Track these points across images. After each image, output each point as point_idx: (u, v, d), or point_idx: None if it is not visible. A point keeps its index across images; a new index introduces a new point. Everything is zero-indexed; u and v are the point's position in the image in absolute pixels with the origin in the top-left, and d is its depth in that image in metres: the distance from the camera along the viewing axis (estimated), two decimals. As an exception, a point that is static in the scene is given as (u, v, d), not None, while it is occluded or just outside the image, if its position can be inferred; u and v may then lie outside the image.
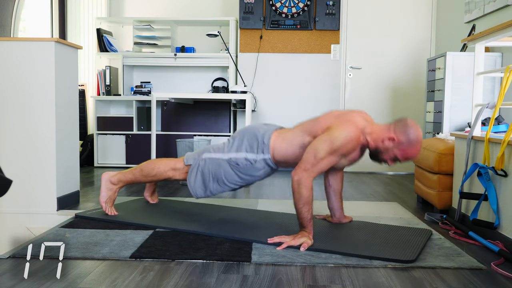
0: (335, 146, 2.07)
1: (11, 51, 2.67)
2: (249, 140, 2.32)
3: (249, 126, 2.44)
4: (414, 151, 2.11)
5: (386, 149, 2.13)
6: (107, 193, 2.57)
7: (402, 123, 2.13)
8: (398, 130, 2.11)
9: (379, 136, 2.15)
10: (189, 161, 2.43)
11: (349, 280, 1.70)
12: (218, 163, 2.34)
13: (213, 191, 2.39)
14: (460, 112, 3.58)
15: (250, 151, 2.30)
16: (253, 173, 2.32)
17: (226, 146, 2.38)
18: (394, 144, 2.11)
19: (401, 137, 2.10)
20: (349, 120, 2.14)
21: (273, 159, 2.29)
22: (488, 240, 2.17)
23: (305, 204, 2.06)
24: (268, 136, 2.29)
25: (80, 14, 5.16)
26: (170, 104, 4.84)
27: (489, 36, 2.46)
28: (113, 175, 2.58)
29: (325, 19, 4.73)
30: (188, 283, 1.65)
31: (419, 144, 2.11)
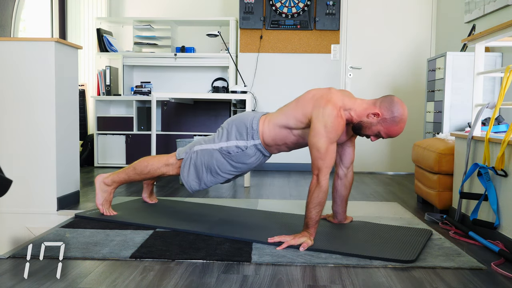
0: (330, 135, 2.08)
1: (11, 51, 2.67)
2: (238, 128, 2.33)
3: (237, 115, 2.46)
4: (397, 128, 2.12)
5: (370, 123, 2.15)
6: (102, 195, 2.57)
7: (388, 99, 2.14)
8: (383, 106, 2.12)
9: (364, 110, 2.16)
10: (181, 155, 2.44)
11: (349, 280, 1.70)
12: (210, 153, 2.35)
13: (207, 183, 2.40)
14: (460, 112, 3.58)
15: (240, 138, 2.31)
16: (245, 160, 2.33)
17: (216, 137, 2.39)
18: (378, 120, 2.13)
19: (385, 113, 2.11)
20: (328, 101, 2.13)
21: (263, 143, 2.31)
22: (488, 240, 2.17)
23: (317, 205, 2.06)
24: (257, 122, 2.31)
25: (80, 14, 5.16)
26: (170, 104, 4.84)
27: (489, 36, 2.46)
28: (106, 176, 2.58)
29: (325, 19, 4.73)
30: (188, 283, 1.65)
31: (403, 122, 2.12)
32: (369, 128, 2.16)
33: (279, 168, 4.81)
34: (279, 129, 2.28)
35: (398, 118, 2.10)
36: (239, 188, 3.69)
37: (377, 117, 2.13)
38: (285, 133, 2.28)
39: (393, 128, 2.12)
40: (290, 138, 2.28)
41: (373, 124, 2.14)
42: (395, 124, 2.11)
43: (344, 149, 2.41)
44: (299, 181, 4.11)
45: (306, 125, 2.19)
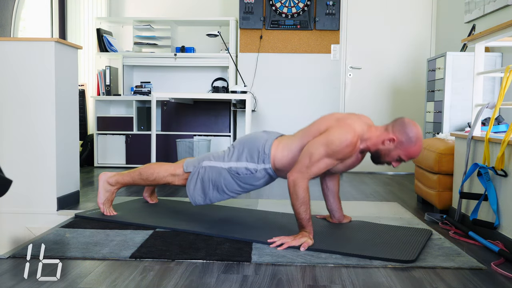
0: (331, 150, 2.06)
1: (11, 51, 2.67)
2: (249, 149, 2.30)
3: (249, 134, 2.43)
4: (416, 148, 2.09)
5: (388, 150, 2.11)
6: (104, 194, 2.57)
7: (399, 122, 2.12)
8: (396, 130, 2.10)
9: (379, 139, 2.13)
10: (188, 168, 2.42)
11: (349, 280, 1.70)
12: (218, 171, 2.33)
13: (212, 199, 2.38)
14: (460, 112, 3.58)
15: (250, 160, 2.29)
16: (253, 182, 2.32)
17: (226, 155, 2.36)
18: (395, 145, 2.09)
19: (400, 136, 2.08)
20: (349, 125, 2.11)
21: (274, 167, 2.28)
22: (488, 240, 2.17)
23: (302, 204, 2.06)
24: (269, 146, 2.28)
25: (80, 14, 5.15)
26: (170, 104, 4.84)
27: (489, 36, 2.46)
28: (111, 176, 2.57)
29: (325, 19, 4.73)
30: (188, 283, 1.65)
31: (420, 141, 2.09)
32: (388, 154, 2.12)
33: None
34: (292, 155, 2.22)
35: (414, 138, 2.07)
36: (239, 188, 3.68)
37: (393, 142, 2.09)
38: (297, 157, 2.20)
39: (412, 149, 2.08)
40: None
41: (391, 150, 2.11)
42: (413, 145, 2.07)
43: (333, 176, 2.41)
44: (299, 181, 4.10)
45: None
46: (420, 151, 2.12)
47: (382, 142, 2.12)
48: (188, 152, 4.18)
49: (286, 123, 4.84)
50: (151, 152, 3.99)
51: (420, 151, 2.12)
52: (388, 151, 2.12)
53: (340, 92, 4.86)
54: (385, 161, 2.16)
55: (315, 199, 2.74)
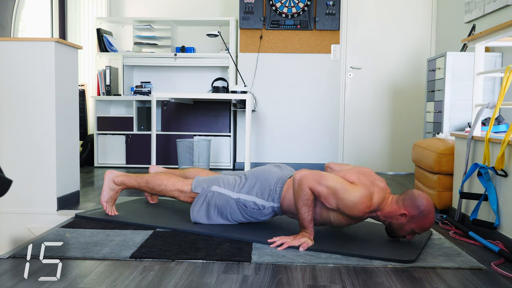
0: (341, 196, 2.03)
1: (11, 51, 2.67)
2: (261, 186, 2.30)
3: (263, 168, 2.41)
4: (429, 221, 2.05)
5: (401, 225, 2.09)
6: (108, 193, 2.57)
7: (409, 195, 2.09)
8: (407, 204, 2.07)
9: (390, 213, 2.10)
10: (197, 189, 2.40)
11: (349, 280, 1.70)
12: (226, 199, 2.33)
13: (213, 222, 2.38)
14: (460, 112, 3.58)
15: (260, 196, 2.29)
16: (258, 217, 2.33)
17: (237, 184, 2.35)
18: (407, 219, 2.06)
19: (412, 210, 2.05)
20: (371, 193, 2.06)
21: (281, 207, 2.28)
22: (488, 240, 2.17)
23: (305, 204, 2.06)
24: (281, 185, 2.28)
25: (80, 14, 5.15)
26: (170, 104, 4.84)
27: (489, 36, 2.46)
28: (118, 175, 2.56)
29: (325, 19, 4.73)
30: (188, 283, 1.65)
31: (432, 213, 2.06)
32: (401, 229, 2.10)
33: (279, 168, 4.81)
34: None
35: (426, 211, 2.04)
36: (239, 188, 3.68)
37: (405, 217, 2.06)
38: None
39: (425, 221, 2.05)
40: None
41: (404, 224, 2.08)
42: (425, 218, 2.04)
43: None
44: (299, 181, 4.10)
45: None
46: (433, 222, 2.08)
47: (395, 218, 2.09)
48: (188, 152, 4.18)
49: (286, 123, 4.85)
50: (151, 152, 3.99)
51: (433, 222, 2.08)
52: (401, 226, 2.09)
53: (340, 92, 4.86)
54: (400, 235, 2.14)
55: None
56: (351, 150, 4.91)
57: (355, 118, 4.90)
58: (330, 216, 2.14)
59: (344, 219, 2.12)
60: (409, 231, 2.09)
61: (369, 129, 4.89)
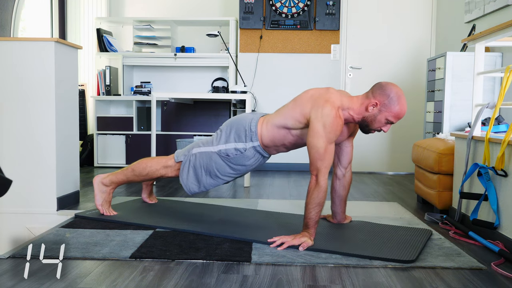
0: (329, 135, 2.08)
1: (11, 51, 2.67)
2: (236, 130, 2.33)
3: (235, 117, 2.45)
4: (400, 107, 2.10)
5: (373, 116, 2.14)
6: (101, 196, 2.57)
7: (377, 86, 2.16)
8: (376, 93, 2.13)
9: (362, 106, 2.16)
10: (179, 157, 2.44)
11: (349, 280, 1.70)
12: (208, 156, 2.34)
13: (207, 186, 2.40)
14: (460, 112, 3.58)
15: (238, 140, 2.31)
16: (245, 162, 2.33)
17: (214, 139, 2.38)
18: (379, 108, 2.12)
19: (382, 98, 2.11)
20: (326, 101, 2.12)
21: (262, 145, 2.31)
22: (488, 240, 2.17)
23: (317, 205, 2.06)
24: (255, 124, 2.31)
25: (80, 14, 5.16)
26: (170, 104, 4.84)
27: (489, 36, 2.46)
28: (105, 177, 2.57)
29: (325, 19, 4.73)
30: (188, 283, 1.65)
31: (403, 99, 2.11)
32: (375, 120, 2.14)
33: (279, 168, 4.81)
34: (277, 130, 2.28)
35: (395, 96, 2.10)
36: (239, 188, 3.69)
37: (376, 106, 2.12)
38: (284, 134, 2.27)
39: (397, 107, 2.10)
40: (288, 138, 2.28)
41: (377, 115, 2.13)
42: (396, 103, 2.10)
43: (342, 149, 2.42)
44: (299, 181, 4.11)
45: (305, 125, 2.19)
46: (405, 109, 2.13)
47: (366, 109, 2.14)
48: (188, 152, 4.18)
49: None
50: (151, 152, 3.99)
51: (405, 109, 2.13)
52: (374, 117, 2.14)
53: (340, 92, 4.85)
54: (374, 128, 2.18)
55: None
56: (351, 150, 4.90)
57: (355, 118, 4.89)
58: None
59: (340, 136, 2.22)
60: (384, 121, 2.13)
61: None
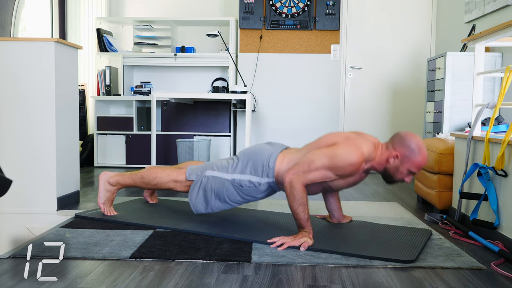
0: (333, 163, 2.06)
1: (11, 51, 2.67)
2: (254, 163, 2.30)
3: (254, 147, 2.41)
4: (422, 157, 2.07)
5: (395, 167, 2.11)
6: (105, 194, 2.56)
7: (397, 137, 2.13)
8: (397, 145, 2.10)
9: (382, 157, 2.13)
10: (191, 176, 2.41)
11: (349, 280, 1.70)
12: (221, 182, 2.33)
13: (214, 208, 2.38)
14: (460, 112, 3.58)
15: (254, 174, 2.29)
16: (256, 195, 2.32)
17: (230, 166, 2.35)
18: (400, 160, 2.08)
19: (403, 150, 2.08)
20: (357, 145, 2.10)
21: (277, 182, 2.28)
22: (488, 240, 2.17)
23: (300, 205, 2.06)
24: (274, 160, 2.27)
25: (80, 14, 5.16)
26: (170, 104, 4.84)
27: (489, 36, 2.46)
28: (112, 176, 2.56)
29: (325, 19, 4.73)
30: (188, 283, 1.65)
31: (423, 149, 2.08)
32: (397, 171, 2.11)
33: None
34: None
35: (416, 148, 2.07)
36: (239, 188, 3.68)
37: (397, 158, 2.09)
38: None
39: (418, 159, 2.07)
40: None
41: (398, 166, 2.10)
42: (417, 155, 2.07)
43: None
44: (299, 181, 4.10)
45: None
46: (427, 158, 2.11)
47: (387, 161, 2.12)
48: (188, 152, 4.18)
49: (286, 123, 4.85)
50: (151, 152, 3.99)
51: (427, 158, 2.11)
52: (396, 168, 2.11)
53: (340, 92, 4.86)
54: (397, 179, 2.15)
55: (314, 199, 2.74)
56: (351, 150, 4.90)
57: (355, 118, 4.90)
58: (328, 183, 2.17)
59: (343, 181, 2.15)
60: (406, 172, 2.11)
61: (369, 129, 4.89)
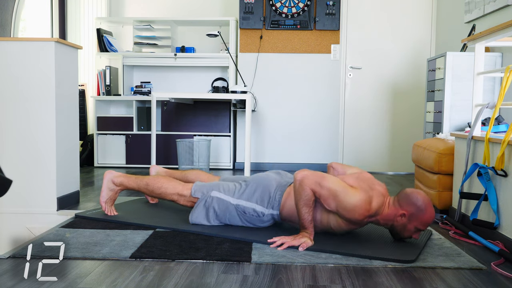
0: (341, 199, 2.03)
1: (11, 51, 2.67)
2: (261, 192, 2.30)
3: (263, 175, 2.40)
4: (429, 215, 2.06)
5: (403, 225, 2.10)
6: (107, 193, 2.56)
7: (403, 195, 2.11)
8: (403, 203, 2.08)
9: (389, 216, 2.11)
10: (196, 193, 2.40)
11: (349, 280, 1.70)
12: (225, 205, 2.33)
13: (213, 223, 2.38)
14: (460, 112, 3.58)
15: (260, 203, 2.29)
16: (257, 224, 2.33)
17: (236, 191, 2.35)
18: (407, 218, 2.07)
19: (409, 208, 2.06)
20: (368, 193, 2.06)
21: (281, 215, 2.28)
22: (488, 240, 2.17)
23: (305, 205, 2.06)
24: (281, 193, 2.28)
25: (80, 14, 5.16)
26: (170, 104, 4.84)
27: (489, 36, 2.46)
28: (117, 176, 2.56)
29: (325, 19, 4.73)
30: (188, 283, 1.65)
31: (430, 206, 2.07)
32: (405, 229, 2.10)
33: (279, 168, 4.81)
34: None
35: (422, 205, 2.06)
36: (239, 188, 3.68)
37: (405, 217, 2.08)
38: None
39: (425, 216, 2.05)
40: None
41: (406, 224, 2.09)
42: (424, 212, 2.05)
43: None
44: (299, 181, 4.10)
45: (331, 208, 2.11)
46: (434, 215, 2.09)
47: (395, 221, 2.10)
48: (188, 152, 4.18)
49: (286, 123, 4.85)
50: (151, 152, 3.99)
51: (434, 215, 2.09)
52: (403, 226, 2.10)
53: (340, 92, 4.86)
54: (405, 236, 2.14)
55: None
56: (351, 150, 4.91)
57: (355, 118, 4.90)
58: (330, 222, 2.15)
59: (344, 224, 2.12)
60: (413, 229, 2.09)
61: (369, 129, 4.89)
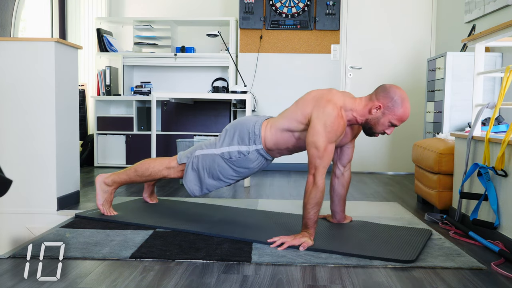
0: (329, 135, 2.07)
1: (11, 51, 2.67)
2: (240, 132, 2.32)
3: (238, 119, 2.44)
4: (404, 109, 2.09)
5: (377, 119, 2.13)
6: (102, 195, 2.57)
7: (381, 88, 2.15)
8: (380, 96, 2.12)
9: (365, 108, 2.15)
10: (182, 159, 2.43)
11: (349, 280, 1.70)
12: (211, 158, 2.34)
13: (209, 188, 2.39)
14: (460, 112, 3.58)
15: (242, 143, 2.31)
16: (248, 165, 2.33)
17: (217, 141, 2.38)
18: (382, 111, 2.11)
19: (385, 101, 2.10)
20: (329, 101, 2.12)
21: (265, 148, 2.30)
22: (488, 240, 2.17)
23: (315, 206, 2.06)
24: (259, 127, 2.30)
25: (80, 14, 5.16)
26: (170, 104, 4.84)
27: (489, 36, 2.46)
28: (107, 176, 2.57)
29: (325, 19, 4.73)
30: (188, 283, 1.65)
31: (406, 101, 2.10)
32: (378, 122, 2.14)
33: (279, 168, 4.81)
34: (280, 133, 2.27)
35: (399, 99, 2.09)
36: (239, 188, 3.69)
37: (379, 109, 2.11)
38: (287, 137, 2.27)
39: (400, 110, 2.09)
40: (291, 141, 2.28)
41: (380, 117, 2.12)
42: (400, 106, 2.09)
43: (342, 150, 2.41)
44: (299, 181, 4.11)
45: (306, 126, 2.18)
46: (409, 111, 2.12)
47: (369, 112, 2.14)
48: (188, 152, 4.18)
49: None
50: (151, 152, 3.99)
51: (409, 111, 2.12)
52: (377, 119, 2.13)
53: (340, 92, 4.85)
54: (378, 131, 2.17)
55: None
56: (351, 150, 4.90)
57: (355, 118, 4.89)
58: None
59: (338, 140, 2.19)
60: (387, 124, 2.13)
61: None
